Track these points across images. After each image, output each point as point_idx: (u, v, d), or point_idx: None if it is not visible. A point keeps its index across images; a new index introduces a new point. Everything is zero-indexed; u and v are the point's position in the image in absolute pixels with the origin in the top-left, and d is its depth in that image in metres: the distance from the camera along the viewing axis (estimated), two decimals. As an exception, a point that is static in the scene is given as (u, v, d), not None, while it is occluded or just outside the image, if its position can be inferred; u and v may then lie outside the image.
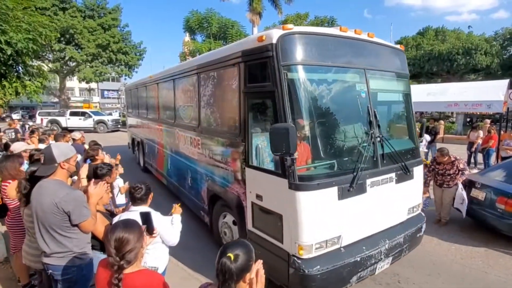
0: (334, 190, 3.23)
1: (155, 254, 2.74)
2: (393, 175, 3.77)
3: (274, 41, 3.20)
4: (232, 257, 1.48)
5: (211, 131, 4.68)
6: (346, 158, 3.46)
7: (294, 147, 2.82)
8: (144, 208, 2.72)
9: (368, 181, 3.50)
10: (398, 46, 4.30)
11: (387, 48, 4.09)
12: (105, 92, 56.31)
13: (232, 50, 3.97)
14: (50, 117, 25.74)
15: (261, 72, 3.45)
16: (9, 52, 10.49)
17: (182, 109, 5.98)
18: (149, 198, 2.88)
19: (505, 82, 13.04)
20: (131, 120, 12.31)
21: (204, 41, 27.63)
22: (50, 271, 2.44)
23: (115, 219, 2.61)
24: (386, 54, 4.06)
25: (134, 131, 11.55)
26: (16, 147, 4.96)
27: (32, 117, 32.06)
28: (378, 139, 3.61)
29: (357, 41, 3.70)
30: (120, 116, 32.71)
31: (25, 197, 2.71)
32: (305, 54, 3.28)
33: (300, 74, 3.25)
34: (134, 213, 2.53)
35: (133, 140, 11.97)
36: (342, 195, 3.27)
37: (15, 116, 33.89)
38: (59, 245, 2.37)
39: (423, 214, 4.42)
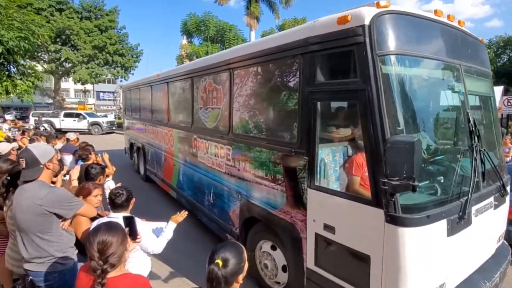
0: (443, 224, 2.31)
1: (134, 263, 2.43)
2: (492, 199, 2.88)
3: (366, 22, 2.25)
4: (221, 263, 1.39)
5: (251, 138, 3.66)
6: (449, 179, 2.54)
7: (419, 170, 1.88)
8: (125, 215, 2.42)
9: (473, 209, 2.59)
10: (479, 38, 3.42)
11: (475, 41, 3.19)
12: (101, 94, 53.98)
13: (290, 37, 2.96)
14: (43, 118, 24.23)
15: (342, 64, 2.51)
16: (-1, 50, 9.58)
17: (203, 112, 4.93)
18: (130, 204, 2.61)
19: (499, 88, 12.81)
20: (129, 123, 10.97)
21: (202, 44, 26.71)
22: (30, 277, 2.28)
23: (94, 224, 2.36)
24: (474, 47, 3.15)
25: (133, 135, 10.23)
26: (3, 147, 4.75)
27: (25, 117, 30.46)
28: (480, 153, 2.70)
29: (453, 30, 2.79)
30: (115, 118, 31.26)
31: (3, 198, 2.66)
32: (406, 41, 2.37)
33: (400, 68, 2.31)
34: (116, 220, 2.20)
35: (131, 145, 10.54)
36: (451, 230, 2.35)
37: (8, 116, 31.96)
38: (38, 249, 2.20)
39: (505, 242, 3.54)
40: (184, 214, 2.79)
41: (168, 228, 2.70)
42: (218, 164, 4.44)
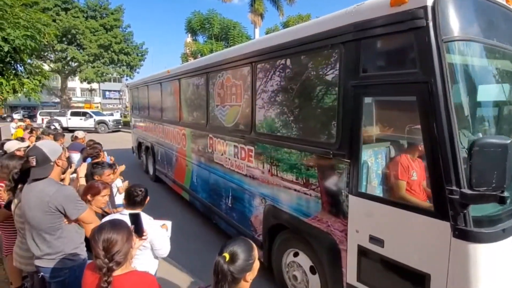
0: (515, 238, 1.96)
1: (141, 260, 2.35)
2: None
3: (428, 3, 1.88)
4: (227, 257, 1.34)
5: (278, 138, 3.29)
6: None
7: (510, 178, 1.53)
8: (131, 212, 2.35)
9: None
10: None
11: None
12: (107, 93, 53.72)
13: (326, 25, 2.59)
14: (54, 117, 24.19)
15: (395, 53, 2.15)
16: (6, 49, 9.36)
17: (220, 109, 4.58)
18: (145, 202, 2.54)
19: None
20: (137, 122, 10.60)
21: (206, 42, 26.37)
22: (41, 273, 2.27)
23: (103, 221, 2.20)
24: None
25: (142, 134, 9.87)
26: (10, 145, 4.60)
27: (33, 116, 30.44)
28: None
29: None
30: (121, 116, 31.07)
31: (12, 193, 2.64)
32: (472, 26, 2.00)
33: (468, 57, 1.96)
34: (126, 217, 2.16)
35: (139, 144, 10.19)
36: (523, 245, 2.00)
37: (16, 116, 31.92)
38: (50, 246, 2.19)
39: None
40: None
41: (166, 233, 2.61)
42: (237, 165, 4.09)
